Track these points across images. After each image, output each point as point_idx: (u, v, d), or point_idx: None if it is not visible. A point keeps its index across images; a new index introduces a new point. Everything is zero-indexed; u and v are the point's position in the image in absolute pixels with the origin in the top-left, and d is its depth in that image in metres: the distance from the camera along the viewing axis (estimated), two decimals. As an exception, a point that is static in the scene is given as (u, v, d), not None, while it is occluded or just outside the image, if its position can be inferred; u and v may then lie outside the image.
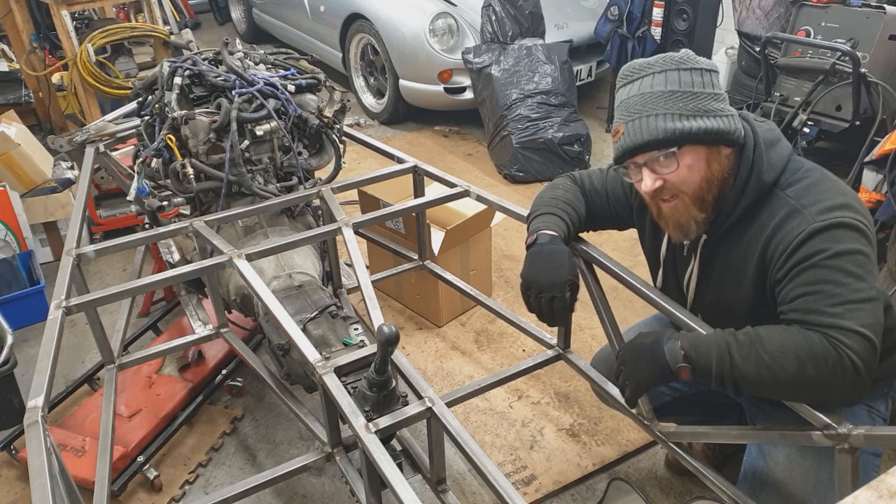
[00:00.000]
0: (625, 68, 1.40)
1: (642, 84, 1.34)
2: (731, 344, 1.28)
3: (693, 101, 1.31)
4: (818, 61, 2.99)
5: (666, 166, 1.34)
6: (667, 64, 1.33)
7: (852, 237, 1.26)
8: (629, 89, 1.37)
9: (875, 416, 1.48)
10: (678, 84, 1.31)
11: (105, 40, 3.73)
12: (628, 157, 1.37)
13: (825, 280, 1.24)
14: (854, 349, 1.19)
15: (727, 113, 1.33)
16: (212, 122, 2.03)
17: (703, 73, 1.33)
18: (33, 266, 2.99)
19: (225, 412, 2.38)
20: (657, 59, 1.36)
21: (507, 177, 4.02)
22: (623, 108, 1.37)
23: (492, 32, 4.14)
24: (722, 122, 1.31)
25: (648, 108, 1.32)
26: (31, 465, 1.24)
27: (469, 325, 2.79)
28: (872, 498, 0.71)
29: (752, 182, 1.36)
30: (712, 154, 1.34)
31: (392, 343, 1.31)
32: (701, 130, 1.30)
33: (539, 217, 1.63)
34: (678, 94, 1.31)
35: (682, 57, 1.34)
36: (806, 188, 1.33)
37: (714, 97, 1.32)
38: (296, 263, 2.06)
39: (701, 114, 1.30)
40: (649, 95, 1.32)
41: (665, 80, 1.32)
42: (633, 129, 1.33)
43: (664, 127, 1.30)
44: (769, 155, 1.36)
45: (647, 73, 1.34)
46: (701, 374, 1.30)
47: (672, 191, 1.36)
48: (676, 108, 1.30)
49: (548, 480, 2.07)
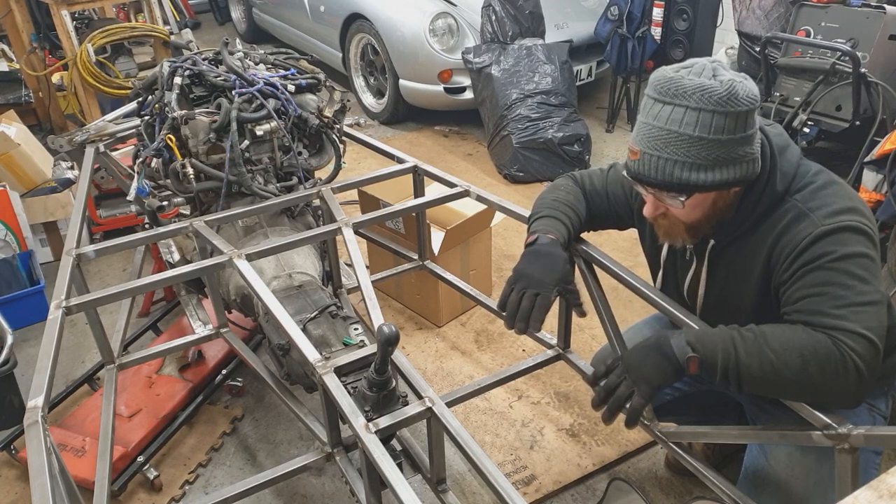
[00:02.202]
0: (661, 80, 1.27)
1: (672, 115, 1.24)
2: (736, 339, 1.28)
3: (717, 150, 1.24)
4: (818, 61, 2.99)
5: (671, 203, 1.34)
6: (705, 102, 1.22)
7: (858, 240, 1.26)
8: (657, 112, 1.26)
9: (876, 415, 1.48)
10: (709, 130, 1.22)
11: (105, 40, 3.73)
12: (637, 181, 1.35)
13: (831, 282, 1.25)
14: (857, 351, 1.20)
15: (749, 157, 1.28)
16: (212, 122, 2.03)
17: (738, 117, 1.23)
18: (33, 266, 2.99)
19: (225, 412, 2.38)
20: (697, 88, 1.22)
21: (507, 177, 4.02)
22: (645, 131, 1.29)
23: (492, 32, 4.14)
24: (740, 170, 1.27)
25: (670, 149, 1.25)
26: (31, 465, 1.24)
27: (469, 325, 2.78)
28: (872, 498, 0.72)
29: (767, 192, 1.35)
30: (721, 195, 1.33)
31: (392, 343, 1.31)
32: (715, 182, 1.27)
33: (541, 219, 1.63)
34: (705, 141, 1.23)
35: (725, 97, 1.22)
36: (813, 192, 1.33)
37: (742, 141, 1.25)
38: (296, 263, 2.06)
39: (721, 164, 1.25)
40: (675, 136, 1.24)
41: (696, 123, 1.22)
42: (647, 163, 1.29)
43: (678, 176, 1.26)
44: (782, 163, 1.35)
45: (681, 103, 1.23)
46: (707, 369, 1.30)
47: (671, 219, 1.38)
48: (699, 158, 1.24)
49: (548, 480, 2.07)
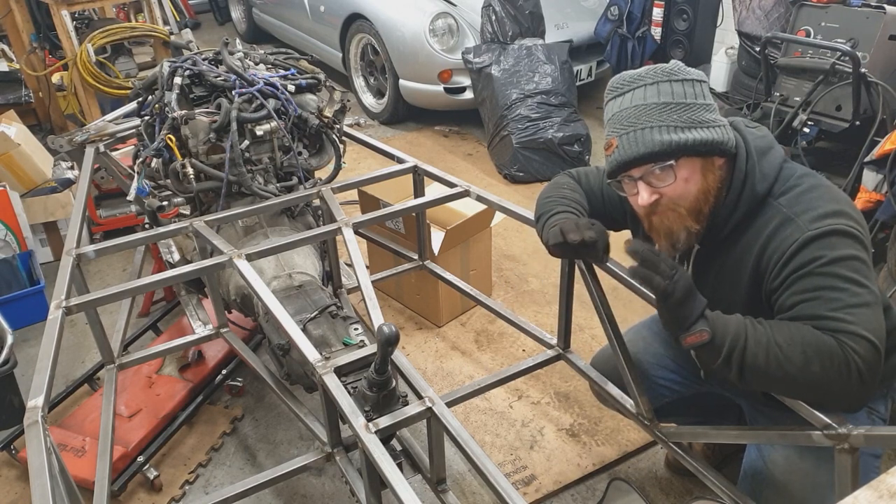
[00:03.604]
0: (614, 80, 1.38)
1: (634, 96, 1.33)
2: (748, 326, 1.27)
3: (686, 113, 1.30)
4: (818, 61, 2.99)
5: (662, 179, 1.33)
6: (658, 75, 1.32)
7: (846, 244, 1.25)
8: (620, 102, 1.35)
9: (875, 418, 1.47)
10: (671, 96, 1.30)
11: (105, 40, 3.73)
12: (623, 170, 1.35)
13: (823, 287, 1.24)
14: (860, 353, 1.19)
15: (719, 123, 1.33)
16: (212, 122, 2.03)
17: (693, 84, 1.32)
18: (33, 266, 2.99)
19: (225, 412, 2.38)
20: (646, 70, 1.34)
21: (507, 177, 4.02)
22: (615, 120, 1.35)
23: (492, 32, 4.14)
24: (716, 133, 1.31)
25: (643, 120, 1.30)
26: (31, 465, 1.24)
27: (469, 325, 2.79)
28: (872, 498, 0.71)
29: (746, 193, 1.35)
30: (707, 165, 1.33)
31: (392, 343, 1.31)
32: (697, 142, 1.29)
33: (557, 214, 1.59)
34: (672, 105, 1.30)
35: (672, 68, 1.33)
36: (798, 196, 1.33)
37: (706, 108, 1.32)
38: (296, 263, 2.06)
39: (695, 125, 1.30)
40: (643, 108, 1.31)
41: (658, 92, 1.31)
42: (628, 142, 1.32)
43: (660, 139, 1.29)
44: (761, 164, 1.35)
45: (639, 84, 1.33)
46: (712, 348, 1.26)
47: (669, 205, 1.35)
48: (671, 120, 1.29)
49: (548, 480, 2.07)
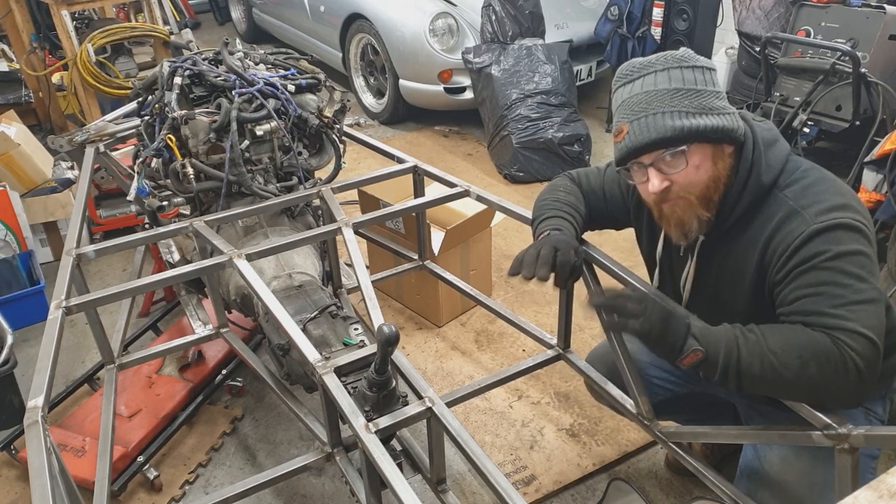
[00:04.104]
0: (624, 67, 1.38)
1: (644, 82, 1.32)
2: (739, 338, 1.26)
3: (697, 99, 1.29)
4: (818, 61, 2.99)
5: (673, 166, 1.31)
6: (668, 62, 1.32)
7: (852, 238, 1.25)
8: (630, 88, 1.34)
9: (872, 419, 1.47)
10: (682, 82, 1.30)
11: (105, 40, 3.73)
12: (634, 156, 1.34)
13: (827, 282, 1.23)
14: (857, 351, 1.18)
15: (729, 111, 1.33)
16: (212, 122, 2.03)
17: (703, 71, 1.32)
18: (33, 266, 2.98)
19: (225, 412, 2.38)
20: (657, 57, 1.34)
21: (507, 177, 4.02)
22: (626, 107, 1.34)
23: (492, 32, 4.14)
24: (726, 120, 1.31)
25: (654, 105, 1.30)
26: (31, 465, 1.24)
27: (469, 325, 2.78)
28: (872, 498, 0.71)
29: (751, 183, 1.35)
30: (717, 152, 1.33)
31: (392, 343, 1.31)
32: (708, 128, 1.28)
33: (547, 220, 1.62)
34: (682, 91, 1.29)
35: (682, 55, 1.33)
36: (804, 189, 1.32)
37: (715, 95, 1.32)
38: (296, 263, 2.06)
39: (706, 111, 1.29)
40: (654, 94, 1.30)
41: (668, 78, 1.31)
42: (639, 128, 1.31)
43: (672, 125, 1.28)
44: (767, 155, 1.35)
45: (649, 71, 1.32)
46: (708, 366, 1.27)
47: (679, 192, 1.34)
48: (682, 106, 1.29)
49: (548, 480, 2.07)
